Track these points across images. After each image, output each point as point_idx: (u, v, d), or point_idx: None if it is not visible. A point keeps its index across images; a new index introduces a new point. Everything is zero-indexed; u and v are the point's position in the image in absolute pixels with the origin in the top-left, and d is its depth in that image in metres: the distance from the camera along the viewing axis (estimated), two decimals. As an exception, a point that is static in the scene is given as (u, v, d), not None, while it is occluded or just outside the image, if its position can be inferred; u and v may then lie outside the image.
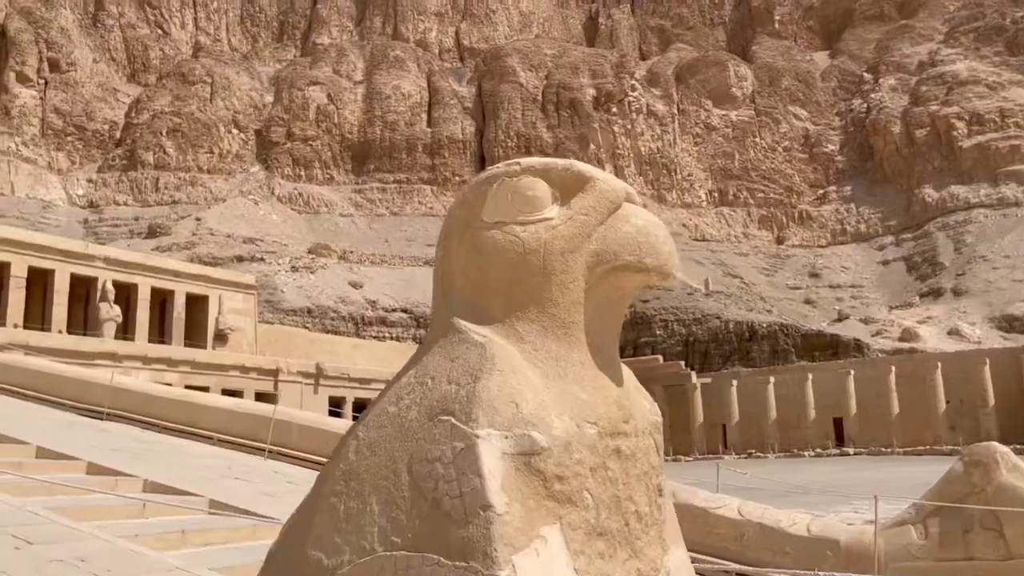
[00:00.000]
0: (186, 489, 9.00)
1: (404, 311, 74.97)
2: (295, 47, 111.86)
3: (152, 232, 79.03)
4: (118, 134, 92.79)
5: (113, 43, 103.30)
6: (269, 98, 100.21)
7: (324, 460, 11.69)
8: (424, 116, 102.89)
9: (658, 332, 73.00)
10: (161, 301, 54.56)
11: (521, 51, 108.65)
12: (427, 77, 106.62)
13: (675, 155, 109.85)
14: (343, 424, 12.09)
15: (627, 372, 2.88)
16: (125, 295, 52.11)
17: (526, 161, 2.67)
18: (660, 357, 65.26)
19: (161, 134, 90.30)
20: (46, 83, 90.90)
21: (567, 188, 2.67)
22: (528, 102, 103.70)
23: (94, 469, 9.76)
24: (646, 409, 2.81)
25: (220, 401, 13.49)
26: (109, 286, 50.16)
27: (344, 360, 59.85)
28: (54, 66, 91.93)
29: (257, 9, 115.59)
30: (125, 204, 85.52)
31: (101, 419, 13.95)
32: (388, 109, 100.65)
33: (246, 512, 8.36)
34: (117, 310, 50.49)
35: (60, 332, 48.15)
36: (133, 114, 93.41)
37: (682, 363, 64.14)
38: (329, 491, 2.49)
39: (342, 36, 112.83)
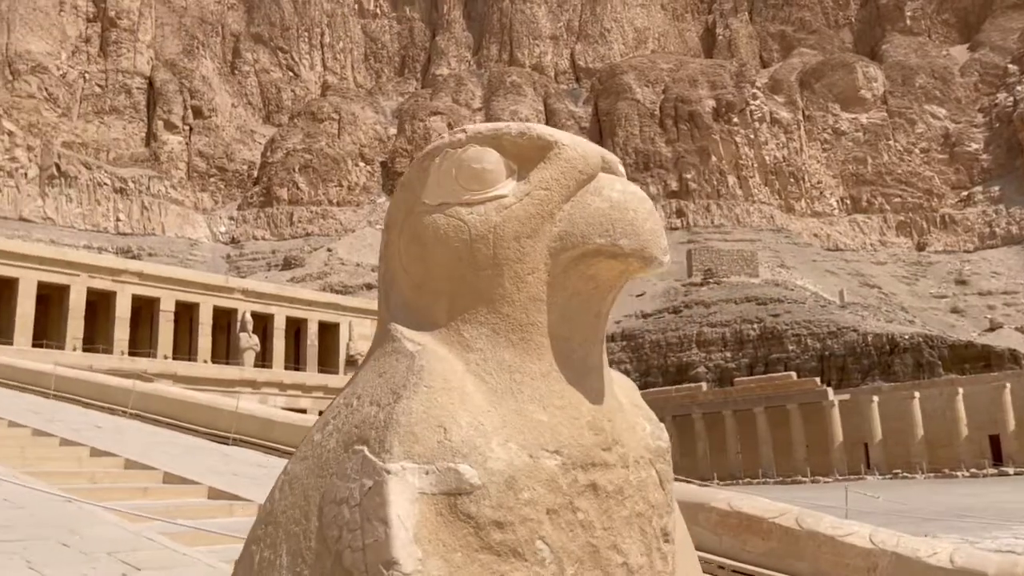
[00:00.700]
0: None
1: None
2: (416, 80, 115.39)
3: (287, 264, 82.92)
4: (255, 173, 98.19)
5: (249, 88, 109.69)
6: (393, 130, 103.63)
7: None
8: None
9: (790, 348, 70.12)
10: (296, 329, 56.95)
11: (637, 67, 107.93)
12: (543, 100, 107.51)
13: (803, 163, 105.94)
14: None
15: (623, 386, 2.40)
16: (263, 325, 54.72)
17: (473, 127, 2.17)
18: (794, 374, 62.63)
19: (294, 171, 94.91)
20: (190, 129, 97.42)
21: (525, 158, 2.16)
22: (645, 118, 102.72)
23: (214, 494, 10.07)
24: (644, 433, 2.28)
25: (338, 425, 13.72)
26: (248, 317, 52.80)
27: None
28: (197, 113, 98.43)
29: (379, 46, 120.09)
30: (263, 238, 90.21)
31: (227, 444, 14.52)
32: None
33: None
34: (255, 339, 53.02)
35: (205, 362, 51.01)
36: (268, 153, 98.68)
37: (817, 379, 61.29)
38: (251, 537, 2.08)
39: (460, 66, 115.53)
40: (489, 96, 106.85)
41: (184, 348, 52.09)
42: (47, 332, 46.17)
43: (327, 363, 55.88)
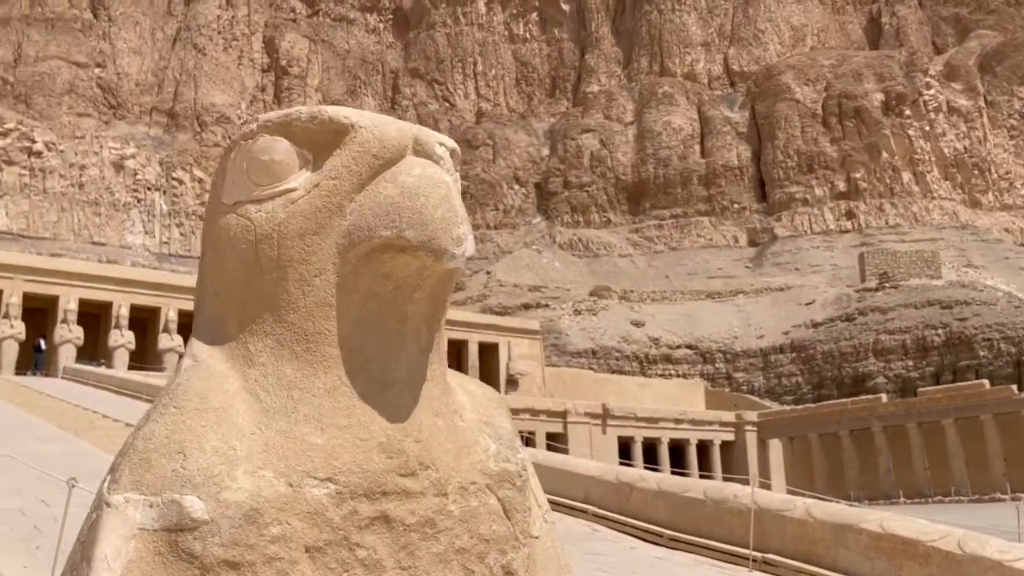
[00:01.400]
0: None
1: (689, 347, 73.57)
2: (567, 99, 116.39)
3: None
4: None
5: (408, 120, 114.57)
6: (545, 151, 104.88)
7: (573, 504, 11.52)
8: (697, 147, 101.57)
9: (982, 354, 64.42)
10: (457, 351, 58.37)
11: (795, 66, 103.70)
12: (697, 108, 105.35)
13: (987, 153, 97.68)
14: (595, 467, 11.92)
15: (477, 400, 2.09)
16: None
17: (265, 115, 1.98)
18: (986, 382, 57.46)
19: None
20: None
21: (319, 145, 1.90)
22: (807, 118, 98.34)
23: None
24: (484, 454, 1.98)
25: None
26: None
27: (631, 399, 59.78)
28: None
29: (530, 70, 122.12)
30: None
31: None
32: (660, 145, 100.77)
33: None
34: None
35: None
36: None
37: (1014, 387, 55.88)
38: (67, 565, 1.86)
39: (610, 82, 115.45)
40: (641, 109, 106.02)
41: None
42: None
43: (488, 383, 56.59)
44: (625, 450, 52.09)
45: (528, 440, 53.26)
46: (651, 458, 51.88)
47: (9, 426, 16.12)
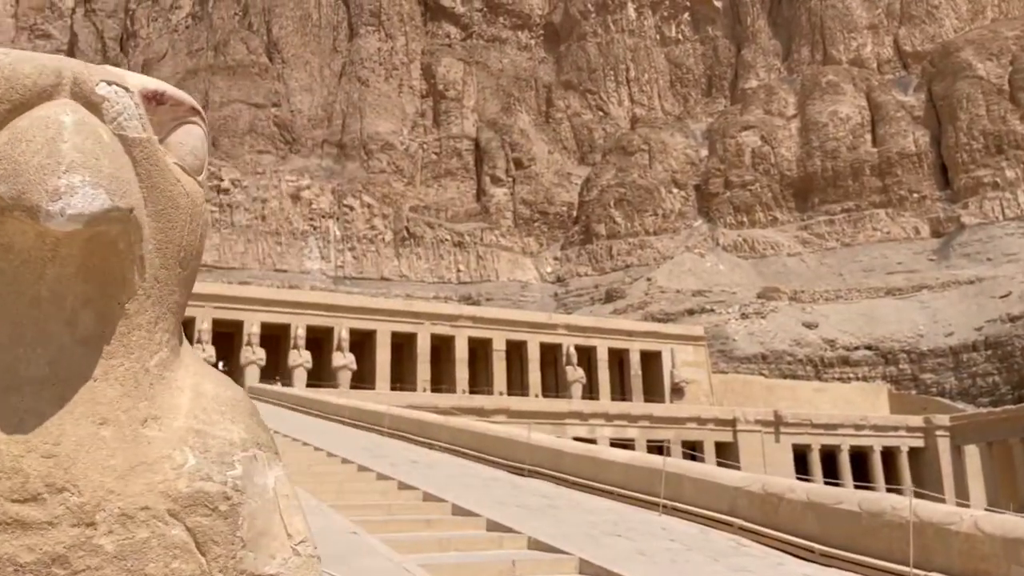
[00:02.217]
0: (561, 548, 9.10)
1: (868, 348, 69.09)
2: (724, 97, 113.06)
3: (609, 297, 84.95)
4: (574, 213, 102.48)
5: (563, 133, 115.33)
6: (704, 152, 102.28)
7: (717, 516, 11.00)
8: (868, 136, 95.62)
9: None
10: (618, 360, 57.80)
11: (975, 41, 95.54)
12: (866, 95, 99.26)
13: None
14: (740, 477, 11.31)
15: (206, 401, 1.67)
16: (586, 357, 56.38)
17: None
18: None
19: (609, 206, 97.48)
20: (513, 180, 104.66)
21: None
22: (992, 95, 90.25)
23: (492, 526, 10.43)
24: (172, 473, 1.59)
25: (617, 455, 13.62)
26: (572, 350, 54.73)
27: (805, 405, 56.92)
28: (518, 164, 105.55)
29: (684, 71, 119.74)
30: (586, 275, 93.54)
31: (522, 475, 15.05)
32: (826, 137, 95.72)
33: (609, 573, 8.14)
34: (581, 372, 54.74)
35: (536, 395, 53.70)
36: (584, 192, 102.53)
37: None
38: None
39: (770, 76, 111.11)
40: (803, 100, 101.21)
41: (517, 383, 55.30)
42: (402, 376, 51.79)
43: (652, 392, 55.91)
44: (801, 460, 49.58)
45: (694, 450, 51.84)
46: (831, 468, 49.07)
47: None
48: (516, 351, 54.26)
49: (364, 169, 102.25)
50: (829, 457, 50.38)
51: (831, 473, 47.48)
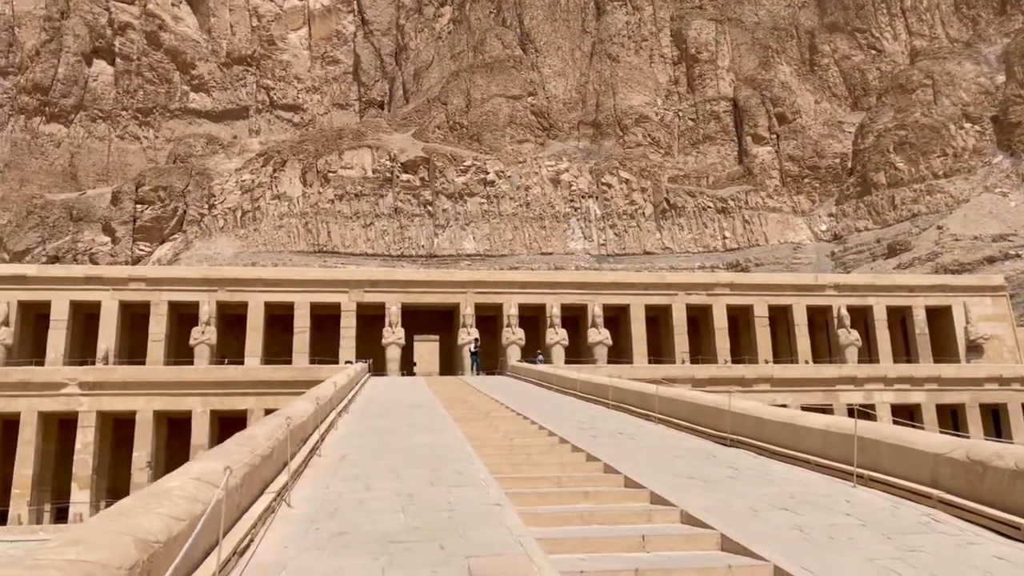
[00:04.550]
0: (706, 522, 8.52)
1: None
2: (1022, 13, 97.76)
3: (892, 251, 77.40)
4: (848, 164, 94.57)
5: (831, 79, 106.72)
6: (1000, 78, 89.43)
7: (917, 487, 9.64)
8: None
9: None
10: (900, 319, 52.83)
11: None
12: None
13: None
14: (941, 442, 9.74)
15: None
16: (862, 318, 52.11)
17: None
18: None
19: (889, 151, 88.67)
20: (777, 137, 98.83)
21: None
22: None
23: (654, 499, 10.00)
24: None
25: (814, 420, 12.27)
26: (844, 312, 50.93)
27: None
28: (781, 119, 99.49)
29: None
30: (865, 229, 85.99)
31: (724, 444, 14.19)
32: None
33: (750, 553, 7.49)
34: (855, 334, 50.80)
35: (806, 362, 50.66)
36: (859, 140, 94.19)
37: None
38: None
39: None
40: None
41: (785, 350, 52.59)
42: (659, 349, 51.35)
43: (941, 352, 50.51)
44: None
45: (996, 415, 45.81)
46: None
47: (414, 419, 18.68)
48: (781, 316, 51.51)
49: (620, 145, 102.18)
50: None
51: None
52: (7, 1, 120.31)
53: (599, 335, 47.32)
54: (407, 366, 48.71)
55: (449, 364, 50.14)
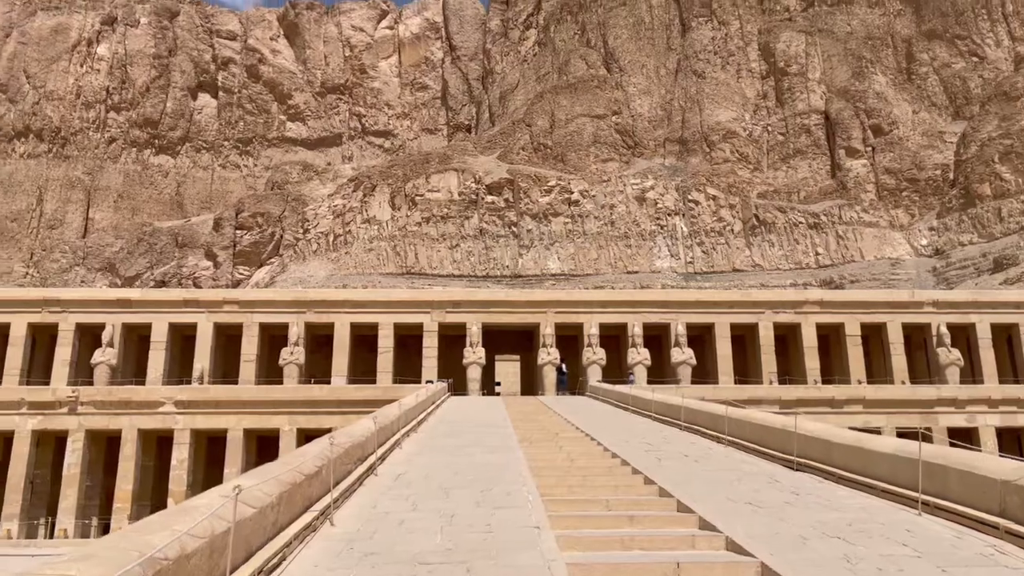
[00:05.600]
0: (749, 550, 8.22)
1: None
2: None
3: (998, 265, 73.43)
4: (950, 175, 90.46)
5: (930, 88, 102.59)
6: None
7: (984, 516, 9.07)
8: None
9: None
10: (1006, 337, 50.16)
11: None
12: None
13: None
14: (1012, 468, 9.09)
15: None
16: (963, 336, 49.68)
17: None
18: None
19: (994, 161, 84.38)
20: (873, 149, 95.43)
21: None
22: None
23: (703, 524, 9.72)
24: None
25: (882, 443, 11.62)
26: (943, 329, 48.65)
27: None
28: (877, 131, 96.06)
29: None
30: (970, 243, 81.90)
31: (791, 468, 13.62)
32: None
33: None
34: (956, 353, 48.45)
35: (903, 382, 48.49)
36: (961, 150, 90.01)
37: None
38: None
39: None
40: None
41: (879, 371, 50.63)
42: (746, 369, 50.04)
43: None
44: None
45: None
46: None
47: (480, 439, 18.69)
48: (875, 335, 49.54)
49: (707, 161, 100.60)
50: None
51: None
52: (120, 41, 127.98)
53: (682, 355, 46.49)
54: (488, 386, 48.92)
55: (530, 384, 50.14)
